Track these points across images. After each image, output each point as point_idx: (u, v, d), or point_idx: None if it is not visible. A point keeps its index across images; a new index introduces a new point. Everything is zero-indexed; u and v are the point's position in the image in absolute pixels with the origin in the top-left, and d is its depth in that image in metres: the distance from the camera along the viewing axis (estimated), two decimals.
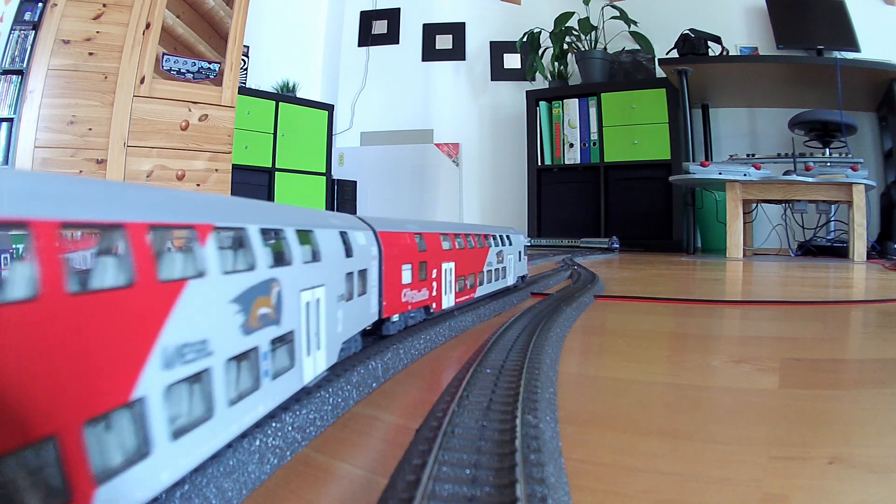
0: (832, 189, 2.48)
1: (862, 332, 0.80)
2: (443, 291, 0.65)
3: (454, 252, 0.67)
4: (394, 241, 0.53)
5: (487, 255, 0.80)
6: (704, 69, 2.99)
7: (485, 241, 0.79)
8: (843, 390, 0.47)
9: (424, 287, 0.60)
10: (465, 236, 0.72)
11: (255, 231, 0.30)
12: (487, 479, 0.25)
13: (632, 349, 0.66)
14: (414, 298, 0.58)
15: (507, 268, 0.90)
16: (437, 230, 0.64)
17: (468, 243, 0.73)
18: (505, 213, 4.05)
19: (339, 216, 0.46)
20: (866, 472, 0.31)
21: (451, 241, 0.67)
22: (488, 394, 0.36)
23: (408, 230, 0.57)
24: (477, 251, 0.76)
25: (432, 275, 0.62)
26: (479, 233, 0.78)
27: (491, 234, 0.83)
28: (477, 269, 0.76)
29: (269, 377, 0.29)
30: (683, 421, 0.40)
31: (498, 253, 0.85)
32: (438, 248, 0.63)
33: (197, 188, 2.40)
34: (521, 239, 0.99)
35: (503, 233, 0.90)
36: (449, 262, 0.66)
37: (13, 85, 2.19)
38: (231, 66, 2.49)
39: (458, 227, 0.72)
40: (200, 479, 0.25)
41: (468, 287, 0.73)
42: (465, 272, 0.71)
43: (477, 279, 0.76)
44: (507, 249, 0.90)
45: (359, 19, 4.23)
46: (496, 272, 0.85)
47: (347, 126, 4.19)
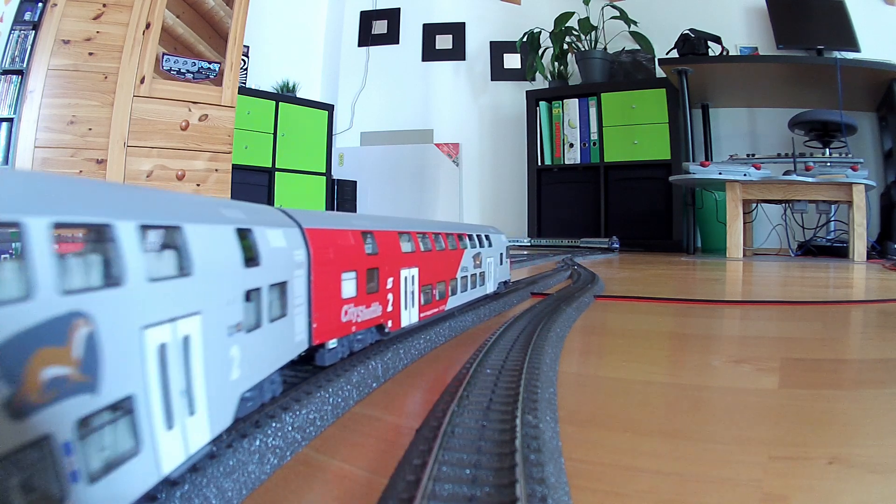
0: (832, 189, 2.48)
1: (862, 332, 0.80)
2: (402, 305, 0.53)
3: (418, 255, 0.56)
4: (330, 242, 0.41)
5: (462, 258, 0.69)
6: (704, 69, 2.99)
7: (458, 242, 0.68)
8: (843, 390, 0.47)
9: (375, 301, 0.47)
10: (433, 236, 0.61)
11: (40, 228, 0.17)
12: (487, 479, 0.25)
13: (632, 349, 0.66)
14: (360, 316, 0.45)
15: (485, 273, 0.79)
16: (394, 227, 0.53)
17: (437, 244, 0.62)
18: (505, 213, 4.05)
19: (242, 206, 0.33)
20: (866, 472, 0.31)
21: (415, 242, 0.56)
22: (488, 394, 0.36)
23: (352, 227, 0.45)
24: (448, 254, 0.64)
25: (386, 285, 0.49)
26: (451, 231, 0.67)
27: (466, 234, 0.72)
28: (448, 275, 0.64)
29: (84, 481, 0.18)
30: (683, 421, 0.40)
31: (475, 255, 0.74)
32: (396, 251, 0.51)
33: (197, 188, 2.40)
34: (502, 239, 0.89)
35: (481, 232, 0.79)
36: (410, 269, 0.54)
37: (13, 85, 2.19)
38: (231, 66, 2.49)
39: (424, 224, 0.61)
40: (200, 479, 0.25)
41: (436, 298, 0.61)
42: (433, 280, 0.60)
43: (448, 288, 0.64)
44: (487, 251, 0.79)
45: (359, 19, 4.23)
46: (473, 278, 0.73)
47: (347, 126, 4.19)
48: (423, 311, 0.58)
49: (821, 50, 2.99)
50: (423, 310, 0.58)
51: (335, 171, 3.69)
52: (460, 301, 0.69)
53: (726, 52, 3.13)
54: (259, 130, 3.23)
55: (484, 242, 0.78)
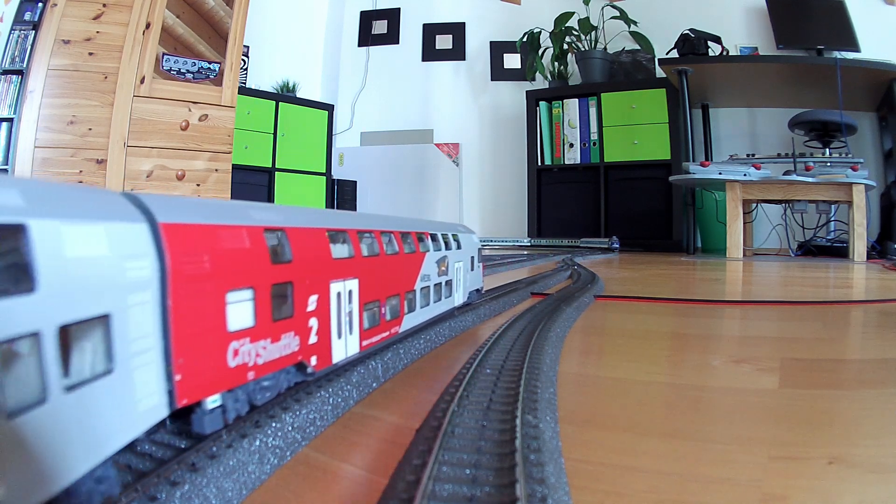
0: (832, 189, 2.48)
1: (862, 332, 0.80)
2: (333, 333, 0.38)
3: (358, 262, 0.42)
4: (206, 246, 0.27)
5: (422, 264, 0.56)
6: (704, 69, 2.99)
7: (418, 244, 0.55)
8: (843, 390, 0.47)
9: (288, 331, 0.33)
10: (381, 235, 0.47)
11: None
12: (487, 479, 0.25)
13: (632, 349, 0.66)
14: (263, 355, 0.31)
15: (452, 281, 0.66)
16: (321, 223, 0.39)
17: (388, 247, 0.48)
18: (505, 213, 4.05)
19: (22, 184, 0.20)
20: (866, 472, 0.31)
21: (353, 244, 0.42)
22: (488, 394, 0.36)
23: (249, 222, 0.31)
24: (404, 259, 0.51)
25: (307, 305, 0.35)
26: (408, 230, 0.54)
27: (428, 233, 0.59)
28: (404, 286, 0.51)
29: None
30: (683, 421, 0.40)
31: (439, 260, 0.60)
32: (322, 257, 0.38)
33: (197, 188, 2.40)
34: (473, 240, 0.76)
35: (448, 231, 0.66)
36: (346, 281, 0.40)
37: (13, 85, 2.19)
38: (231, 66, 2.49)
39: (370, 220, 0.48)
40: (200, 479, 0.25)
41: (386, 318, 0.47)
42: (382, 294, 0.46)
43: (404, 303, 0.51)
44: (454, 255, 0.66)
45: (359, 19, 4.24)
46: (437, 289, 0.60)
47: (347, 126, 4.19)
48: (367, 337, 0.43)
49: (821, 50, 2.99)
50: (366, 336, 0.43)
51: (335, 171, 3.69)
52: (420, 319, 0.56)
53: (726, 52, 3.13)
54: (259, 130, 3.23)
55: (451, 243, 0.65)
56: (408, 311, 0.52)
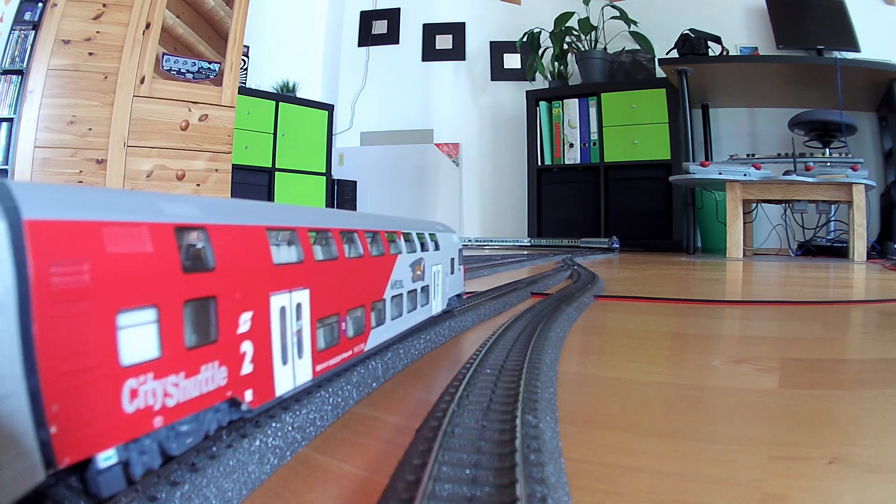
0: (832, 189, 2.48)
1: (862, 332, 0.80)
2: (275, 358, 0.31)
3: (310, 268, 0.34)
4: (88, 249, 0.20)
5: (393, 268, 0.48)
6: (704, 69, 2.99)
7: (388, 245, 0.48)
8: (843, 390, 0.47)
9: (212, 360, 0.26)
10: (340, 235, 0.40)
11: None
12: (487, 479, 0.25)
13: (632, 349, 0.66)
14: (176, 395, 0.24)
15: (430, 287, 0.59)
16: (259, 220, 0.31)
17: (350, 248, 0.41)
18: (505, 213, 4.05)
19: None
20: (866, 472, 0.31)
21: (303, 246, 0.34)
22: (488, 394, 0.36)
23: (155, 218, 0.24)
24: (370, 263, 0.44)
25: (237, 326, 0.28)
26: (375, 228, 0.46)
27: (399, 232, 0.51)
28: (371, 295, 0.44)
29: None
30: (683, 421, 0.40)
31: (414, 263, 0.53)
32: (259, 262, 0.30)
33: (197, 188, 2.40)
34: (453, 240, 0.68)
35: (425, 230, 0.59)
36: (294, 292, 0.32)
37: (13, 85, 2.19)
38: (231, 66, 2.49)
39: (326, 216, 0.40)
40: (200, 479, 0.25)
41: (348, 334, 0.40)
42: (342, 306, 0.38)
43: (370, 315, 0.43)
44: (432, 257, 0.59)
45: (359, 19, 4.24)
46: (412, 296, 0.53)
47: (347, 126, 4.19)
48: (323, 359, 0.35)
49: (821, 50, 2.99)
50: (321, 358, 0.35)
51: (335, 171, 3.69)
52: (392, 332, 0.48)
53: (726, 52, 3.13)
54: (259, 130, 3.23)
55: (427, 244, 0.58)
56: (376, 324, 0.44)
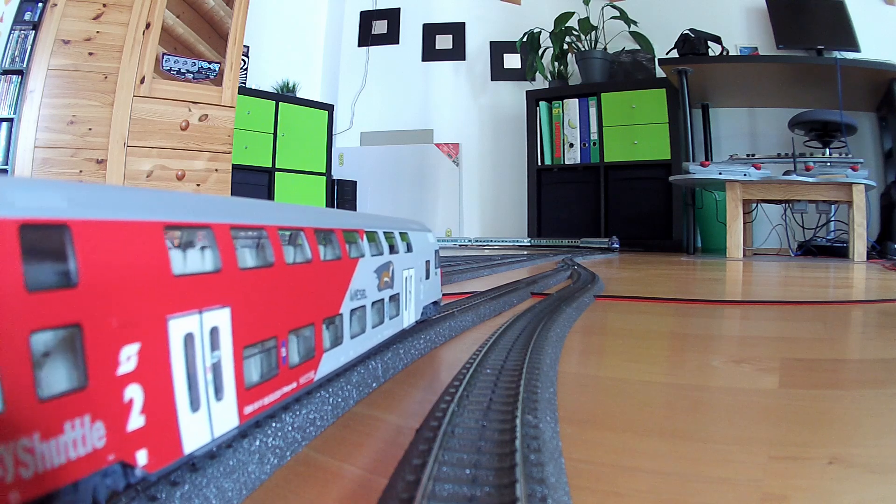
0: (832, 189, 2.48)
1: (862, 332, 0.80)
2: (179, 404, 0.23)
3: (231, 278, 0.26)
4: None
5: (353, 275, 0.40)
6: (704, 69, 2.99)
7: (345, 247, 0.39)
8: (843, 390, 0.47)
9: (80, 413, 0.18)
10: (278, 234, 0.31)
11: None
12: (487, 479, 0.25)
13: (632, 349, 0.66)
14: (31, 465, 0.17)
15: (400, 295, 0.51)
16: (153, 214, 0.23)
17: (295, 251, 0.33)
18: (505, 214, 4.05)
19: None
20: (866, 472, 0.31)
21: (220, 249, 0.26)
22: (488, 394, 0.36)
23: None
24: (321, 269, 0.35)
25: (117, 364, 0.20)
26: (329, 226, 0.38)
27: (362, 231, 0.43)
28: (322, 310, 0.35)
29: None
30: (683, 421, 0.40)
31: (380, 268, 0.45)
32: (154, 273, 0.22)
33: (197, 188, 2.40)
34: (429, 240, 0.60)
35: (395, 228, 0.51)
36: (206, 312, 0.24)
37: (13, 85, 2.19)
38: (231, 66, 2.49)
39: (258, 209, 0.31)
40: (200, 479, 0.25)
41: (291, 362, 0.31)
42: (280, 327, 0.30)
43: (320, 336, 0.35)
44: (402, 260, 0.51)
45: (359, 19, 4.24)
46: (378, 308, 0.45)
47: (347, 126, 4.19)
48: (254, 398, 0.27)
49: (821, 50, 2.99)
50: (251, 397, 0.27)
51: (335, 171, 3.69)
52: (352, 353, 0.40)
53: (726, 52, 3.13)
54: (259, 130, 3.23)
55: (398, 245, 0.50)
56: (330, 345, 0.36)
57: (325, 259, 0.36)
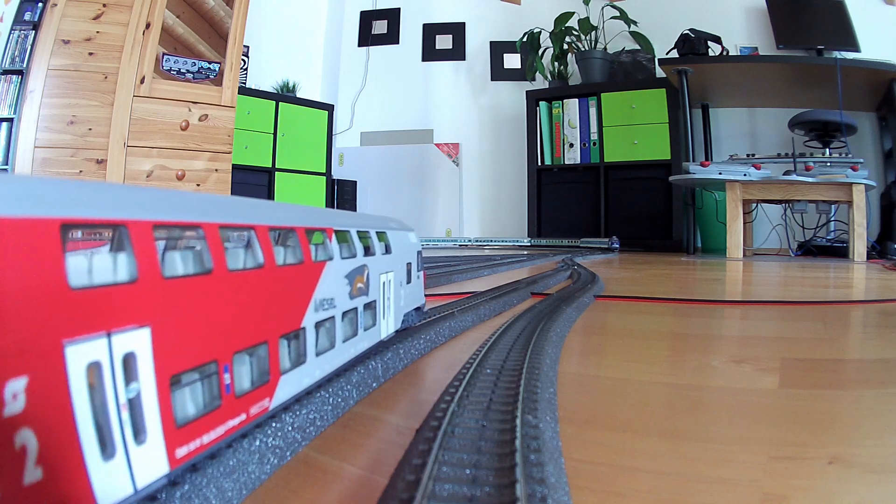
0: (832, 189, 2.48)
1: (862, 332, 0.80)
2: (87, 454, 0.18)
3: (152, 290, 0.21)
4: None
5: (319, 280, 0.34)
6: (704, 69, 2.99)
7: (307, 249, 0.34)
8: (843, 390, 0.47)
9: None
10: (219, 233, 0.25)
11: None
12: (487, 479, 0.25)
13: (632, 349, 0.66)
14: None
15: (377, 303, 0.45)
16: (50, 210, 0.17)
17: (239, 255, 0.28)
18: (505, 214, 4.05)
19: None
20: (866, 472, 0.31)
21: (137, 254, 0.20)
22: (488, 394, 0.36)
23: None
24: (277, 276, 0.30)
25: (1, 405, 0.15)
26: (289, 224, 0.33)
27: (331, 230, 0.37)
28: (278, 325, 0.30)
29: None
30: (683, 421, 0.40)
31: (353, 273, 0.40)
32: (44, 286, 0.16)
33: (197, 188, 2.40)
34: (410, 240, 0.56)
35: (369, 227, 0.45)
36: (116, 335, 0.19)
37: (13, 85, 2.19)
38: (231, 66, 2.49)
39: (194, 203, 0.26)
40: (200, 479, 0.25)
41: (238, 390, 0.26)
42: (222, 348, 0.25)
43: (276, 355, 0.29)
44: (379, 263, 0.45)
45: (359, 19, 4.23)
46: (348, 319, 0.40)
47: (347, 126, 4.19)
48: (189, 437, 0.23)
49: (821, 50, 2.99)
50: (185, 436, 0.23)
51: (335, 171, 3.69)
52: (319, 372, 0.35)
53: (726, 52, 3.13)
54: (259, 130, 3.23)
55: (374, 246, 0.45)
56: (290, 365, 0.31)
57: (282, 263, 0.31)
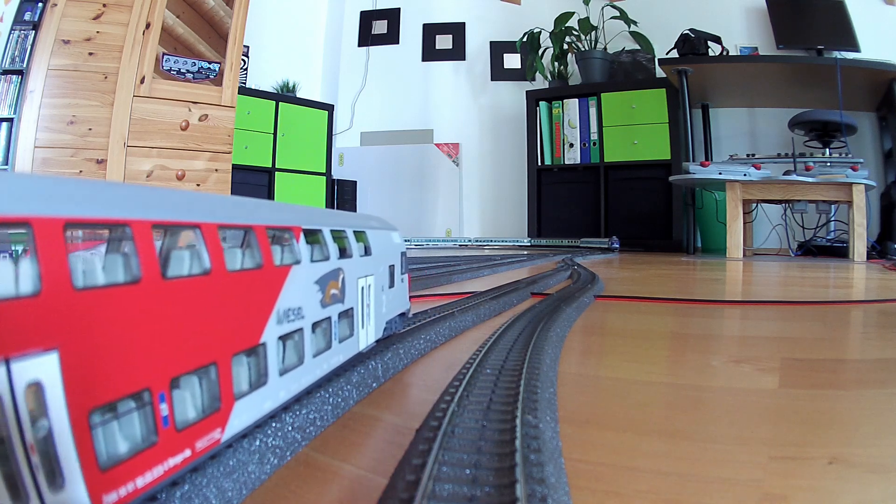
0: (832, 189, 2.48)
1: (862, 332, 0.80)
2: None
3: (58, 305, 0.16)
4: None
5: (283, 287, 0.30)
6: (704, 69, 2.99)
7: (268, 251, 0.29)
8: (843, 390, 0.47)
9: None
10: (148, 232, 0.21)
11: None
12: (487, 479, 0.25)
13: (632, 349, 0.66)
14: None
15: (355, 310, 0.40)
16: None
17: (182, 260, 0.23)
18: (505, 214, 4.05)
19: None
20: (866, 472, 0.31)
21: (41, 260, 0.16)
22: (488, 394, 0.36)
23: None
24: (230, 282, 0.25)
25: None
26: (243, 222, 0.28)
27: (298, 229, 0.33)
28: (231, 342, 0.25)
29: None
30: (683, 421, 0.40)
31: (324, 278, 0.35)
32: None
33: (197, 188, 2.40)
34: (394, 240, 0.52)
35: (346, 226, 0.40)
36: (20, 362, 0.15)
37: (13, 85, 2.19)
38: (231, 66, 2.49)
39: (122, 195, 0.21)
40: (200, 479, 0.25)
41: (179, 422, 0.22)
42: (156, 373, 0.20)
43: (229, 379, 0.25)
44: (358, 265, 0.41)
45: (359, 19, 4.23)
46: (322, 330, 0.35)
47: (347, 126, 4.19)
48: (117, 482, 0.18)
49: (821, 50, 2.99)
50: (113, 481, 0.18)
51: (335, 171, 3.69)
52: (284, 396, 0.31)
53: (726, 52, 3.13)
54: (259, 130, 3.23)
55: (350, 247, 0.40)
56: (248, 388, 0.27)
57: (235, 268, 0.26)
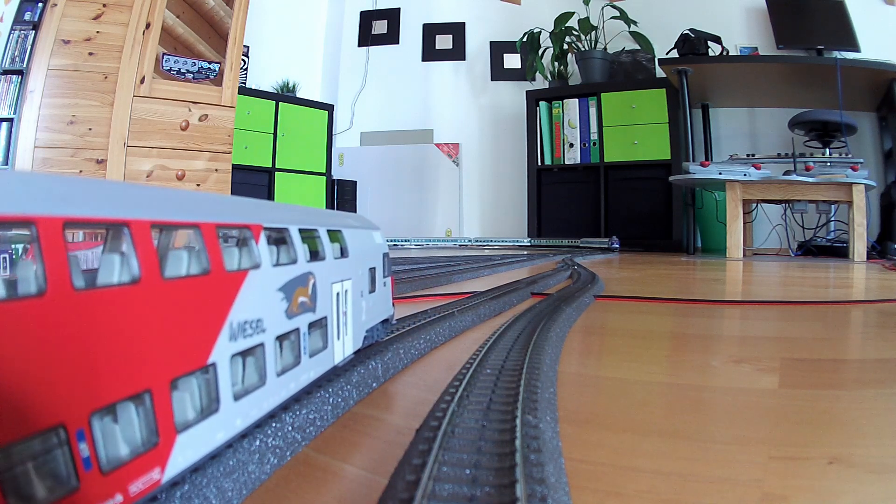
0: (832, 189, 2.48)
1: (862, 332, 0.80)
2: None
3: None
4: None
5: (238, 295, 0.25)
6: (704, 69, 2.99)
7: (218, 254, 0.24)
8: (843, 390, 0.47)
9: None
10: (59, 233, 0.16)
11: None
12: (487, 479, 0.25)
13: (632, 349, 0.66)
14: None
15: (329, 320, 0.36)
16: None
17: (111, 267, 0.19)
18: (505, 214, 4.05)
19: None
20: (866, 472, 0.31)
21: None
22: (488, 394, 0.36)
23: None
24: (167, 292, 0.21)
25: None
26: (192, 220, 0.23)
27: (258, 227, 0.28)
28: (173, 364, 0.21)
29: None
30: (683, 421, 0.40)
31: (292, 284, 0.31)
32: None
33: (197, 188, 2.40)
34: (375, 240, 0.48)
35: (319, 224, 0.37)
36: None
37: (13, 85, 2.19)
38: (231, 66, 2.49)
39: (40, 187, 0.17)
40: (200, 479, 0.25)
41: (103, 463, 0.18)
42: (76, 407, 0.17)
43: (169, 408, 0.21)
44: (332, 268, 0.37)
45: (359, 19, 4.23)
46: (289, 344, 0.31)
47: (347, 126, 4.19)
48: None
49: (821, 50, 2.99)
50: None
51: (335, 171, 3.69)
52: (241, 425, 0.27)
53: (726, 52, 3.13)
54: (259, 130, 3.23)
55: (323, 249, 0.36)
56: (194, 417, 0.23)
57: (175, 275, 0.22)
